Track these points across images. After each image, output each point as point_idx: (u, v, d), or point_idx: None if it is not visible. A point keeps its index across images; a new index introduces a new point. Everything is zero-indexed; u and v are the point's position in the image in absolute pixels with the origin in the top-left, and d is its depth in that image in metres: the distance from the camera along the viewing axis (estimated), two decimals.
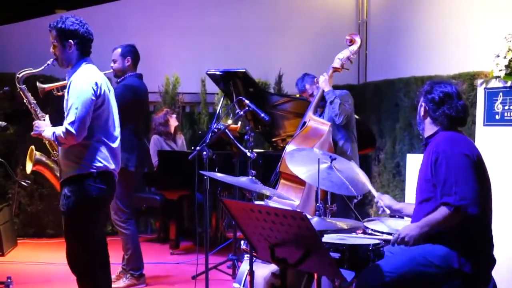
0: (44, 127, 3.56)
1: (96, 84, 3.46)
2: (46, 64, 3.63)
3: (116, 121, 3.67)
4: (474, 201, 2.83)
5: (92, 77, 3.49)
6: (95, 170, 3.48)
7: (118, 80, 5.01)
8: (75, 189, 3.47)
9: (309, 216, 2.63)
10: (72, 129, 3.35)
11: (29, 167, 3.96)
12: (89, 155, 3.47)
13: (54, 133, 3.44)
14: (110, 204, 3.66)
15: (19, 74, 3.68)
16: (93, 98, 3.43)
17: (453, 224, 2.89)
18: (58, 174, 3.84)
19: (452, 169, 2.88)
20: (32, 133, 3.61)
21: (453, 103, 3.05)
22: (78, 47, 3.53)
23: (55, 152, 3.79)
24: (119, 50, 4.97)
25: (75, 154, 3.48)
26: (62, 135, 3.38)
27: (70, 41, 3.50)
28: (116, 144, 3.63)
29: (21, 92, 3.70)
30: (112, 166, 3.57)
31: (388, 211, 3.38)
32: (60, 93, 3.78)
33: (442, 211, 2.87)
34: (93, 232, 3.59)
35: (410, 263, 2.90)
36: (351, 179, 3.25)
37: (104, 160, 3.52)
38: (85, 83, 3.44)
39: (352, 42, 4.95)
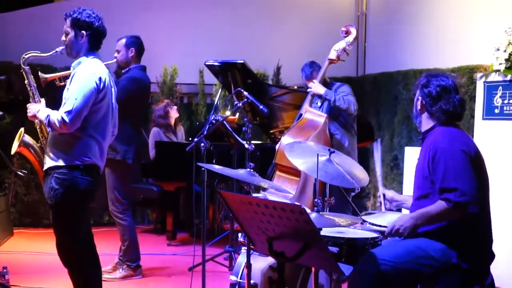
0: (38, 108, 3.52)
1: (100, 78, 3.46)
2: (54, 51, 3.62)
3: (113, 119, 3.66)
4: (474, 197, 2.79)
5: (98, 71, 3.49)
6: (81, 163, 3.45)
7: (123, 72, 4.98)
8: (63, 182, 3.42)
9: (307, 210, 2.61)
10: (67, 118, 3.32)
11: (14, 148, 3.89)
12: (80, 148, 3.44)
13: (48, 116, 3.39)
14: (95, 196, 3.63)
15: (25, 54, 3.66)
16: (95, 92, 3.42)
17: (449, 220, 2.86)
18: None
19: (451, 165, 2.84)
20: (28, 115, 3.56)
21: (450, 97, 2.99)
22: (89, 39, 3.54)
23: (44, 140, 3.71)
24: (124, 40, 4.93)
25: (65, 144, 3.44)
26: (56, 121, 3.34)
27: (83, 32, 3.52)
28: (106, 143, 3.61)
29: (23, 73, 3.67)
30: (99, 162, 3.56)
31: (388, 206, 3.37)
32: (62, 83, 3.76)
33: (440, 206, 2.83)
34: (81, 224, 3.58)
35: (408, 254, 2.88)
36: (347, 171, 3.24)
37: (92, 156, 3.49)
38: (89, 76, 3.43)
39: (348, 33, 4.93)
